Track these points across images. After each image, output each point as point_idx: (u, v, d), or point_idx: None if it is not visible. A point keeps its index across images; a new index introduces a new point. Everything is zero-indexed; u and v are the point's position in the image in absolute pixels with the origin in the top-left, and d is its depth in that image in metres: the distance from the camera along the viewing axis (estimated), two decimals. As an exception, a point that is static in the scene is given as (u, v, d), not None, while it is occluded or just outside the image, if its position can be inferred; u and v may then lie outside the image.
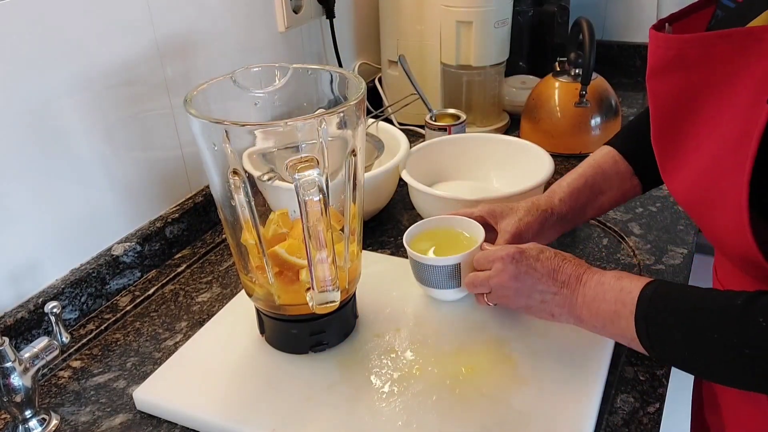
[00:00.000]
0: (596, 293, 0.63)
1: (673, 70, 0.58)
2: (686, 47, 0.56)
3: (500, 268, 0.68)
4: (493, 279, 0.69)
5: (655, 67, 0.61)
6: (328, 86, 0.72)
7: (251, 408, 0.66)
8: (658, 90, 0.61)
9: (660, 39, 0.59)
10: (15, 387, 0.64)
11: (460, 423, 0.63)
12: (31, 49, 0.74)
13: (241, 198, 0.65)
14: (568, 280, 0.65)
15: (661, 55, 0.59)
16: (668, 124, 0.62)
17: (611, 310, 0.61)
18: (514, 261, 0.68)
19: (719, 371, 0.56)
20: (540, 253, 0.68)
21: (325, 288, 0.61)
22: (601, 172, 0.80)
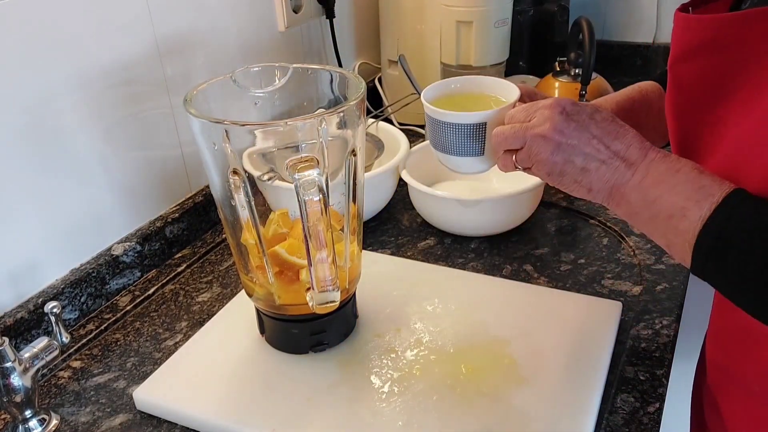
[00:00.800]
0: (664, 178, 0.53)
1: (705, 52, 0.54)
2: (722, 27, 0.52)
3: (545, 117, 0.57)
4: (533, 130, 0.57)
5: (684, 51, 0.57)
6: (328, 86, 0.72)
7: (251, 408, 0.66)
8: (685, 75, 0.58)
9: (692, 20, 0.55)
10: (15, 387, 0.64)
11: (460, 423, 0.63)
12: (30, 49, 0.74)
13: (241, 198, 0.65)
14: (626, 151, 0.55)
15: (692, 38, 0.55)
16: (694, 111, 0.58)
17: (678, 205, 0.52)
18: (564, 112, 0.56)
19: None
20: (595, 111, 0.57)
21: (325, 288, 0.61)
22: (647, 103, 0.72)
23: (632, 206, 0.56)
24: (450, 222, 0.95)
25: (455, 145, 0.64)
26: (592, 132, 0.56)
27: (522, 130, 0.58)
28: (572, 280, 0.85)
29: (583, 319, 0.75)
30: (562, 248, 0.92)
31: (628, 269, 0.86)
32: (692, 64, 0.56)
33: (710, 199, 0.51)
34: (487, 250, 0.92)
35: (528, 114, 0.59)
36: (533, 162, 0.59)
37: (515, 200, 0.91)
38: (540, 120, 0.57)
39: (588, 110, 0.57)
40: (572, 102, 0.57)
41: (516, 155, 0.60)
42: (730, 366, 0.70)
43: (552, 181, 0.59)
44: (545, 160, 0.57)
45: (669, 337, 0.74)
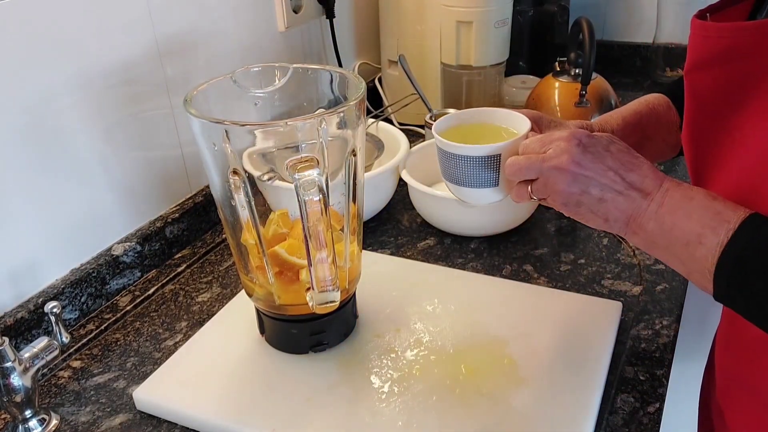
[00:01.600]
0: (680, 206, 0.54)
1: (722, 61, 0.54)
2: (740, 35, 0.52)
3: (562, 148, 0.57)
4: (550, 161, 0.57)
5: (701, 59, 0.56)
6: (328, 86, 0.72)
7: (251, 408, 0.66)
8: (702, 83, 0.57)
9: (710, 28, 0.54)
10: (15, 387, 0.64)
11: (460, 423, 0.63)
12: (30, 49, 0.74)
13: (241, 198, 0.65)
14: (642, 182, 0.56)
15: (710, 46, 0.55)
16: (709, 121, 0.58)
17: (694, 232, 0.52)
18: (581, 144, 0.57)
19: None
20: (611, 143, 0.58)
21: (325, 288, 0.61)
22: (655, 116, 0.72)
23: (649, 235, 0.56)
24: (450, 222, 0.95)
25: (469, 178, 0.64)
26: (608, 164, 0.56)
27: (538, 162, 0.58)
28: (572, 281, 0.85)
29: (583, 319, 0.75)
30: (562, 248, 0.92)
31: (628, 269, 0.86)
32: (709, 72, 0.56)
33: (726, 225, 0.51)
34: (487, 251, 0.92)
35: (543, 145, 0.59)
36: (549, 193, 0.59)
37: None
38: (556, 152, 0.58)
39: (604, 142, 0.58)
40: (587, 134, 0.58)
41: (532, 186, 0.60)
42: (741, 374, 0.69)
43: (568, 211, 0.59)
44: (562, 191, 0.58)
45: (669, 337, 0.74)
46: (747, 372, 0.67)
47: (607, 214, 0.57)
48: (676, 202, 0.54)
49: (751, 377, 0.67)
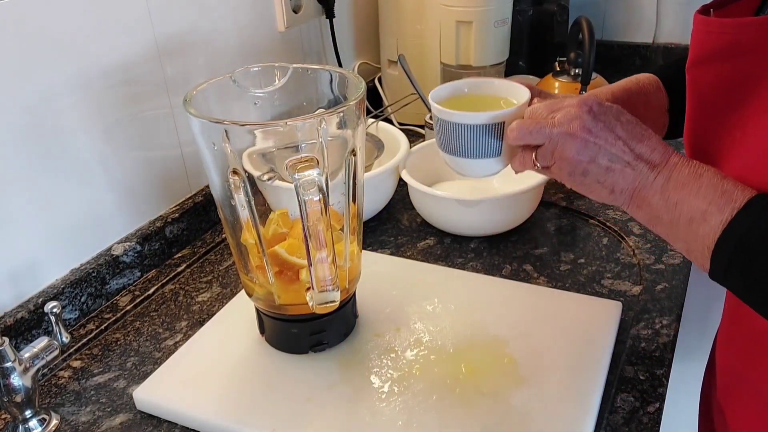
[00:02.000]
0: (688, 182, 0.53)
1: (724, 57, 0.54)
2: (743, 31, 0.52)
3: (573, 114, 0.56)
4: (560, 126, 0.56)
5: (702, 54, 0.56)
6: (327, 86, 0.72)
7: (251, 408, 0.66)
8: (703, 79, 0.57)
9: (712, 24, 0.54)
10: (15, 387, 0.64)
11: (460, 423, 0.63)
12: (30, 49, 0.74)
13: (241, 198, 0.65)
14: (650, 154, 0.55)
15: (712, 41, 0.55)
16: (710, 119, 0.57)
17: (700, 209, 0.52)
18: (592, 112, 0.55)
19: None
20: (621, 113, 0.56)
21: (325, 288, 0.61)
22: (644, 95, 0.71)
23: (653, 209, 0.55)
24: (450, 222, 0.95)
25: (470, 148, 0.62)
26: (618, 133, 0.55)
27: (548, 126, 0.57)
28: (572, 280, 0.85)
29: (583, 319, 0.75)
30: (562, 248, 0.92)
31: (628, 269, 0.86)
32: (711, 67, 0.56)
33: (732, 204, 0.51)
34: (487, 250, 0.92)
35: (551, 111, 0.58)
36: (556, 159, 0.57)
37: (515, 200, 0.91)
38: (567, 117, 0.56)
39: (614, 111, 0.57)
40: (598, 102, 0.56)
41: (536, 152, 0.58)
42: (743, 373, 0.69)
43: (573, 181, 0.58)
44: (570, 159, 0.56)
45: (669, 336, 0.74)
46: (748, 371, 0.67)
47: (614, 185, 0.56)
48: (684, 178, 0.53)
49: (753, 376, 0.67)
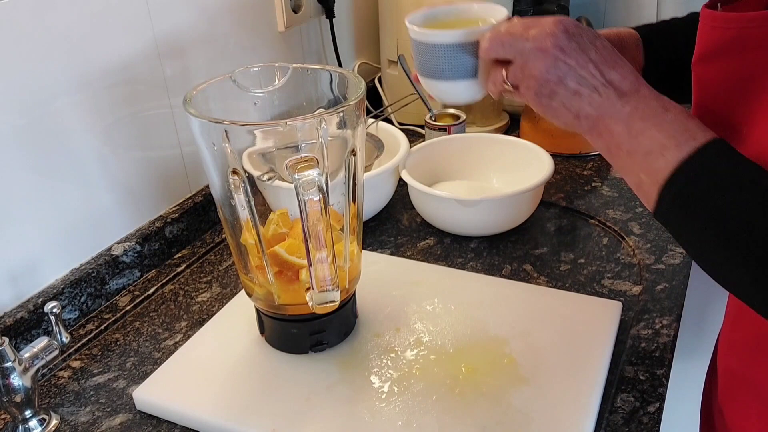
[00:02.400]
0: (653, 114, 0.52)
1: (731, 52, 0.53)
2: (748, 26, 0.51)
3: (547, 32, 0.54)
4: (532, 42, 0.54)
5: (709, 50, 0.55)
6: (327, 86, 0.72)
7: (251, 408, 0.66)
8: (709, 74, 0.56)
9: (718, 18, 0.53)
10: (15, 387, 0.64)
11: (460, 423, 0.63)
12: (29, 49, 0.74)
13: (240, 198, 0.65)
14: (620, 82, 0.54)
15: (717, 37, 0.54)
16: (716, 115, 0.57)
17: (659, 142, 0.51)
18: (567, 32, 0.54)
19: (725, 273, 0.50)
20: (597, 37, 0.55)
21: (325, 288, 0.61)
22: (621, 46, 0.68)
23: (614, 138, 0.54)
24: (449, 222, 0.95)
25: (446, 68, 0.61)
26: (590, 56, 0.54)
27: (521, 39, 0.55)
28: (572, 280, 0.85)
29: (583, 319, 0.75)
30: (562, 248, 0.92)
31: (628, 269, 0.86)
32: (716, 63, 0.55)
33: (692, 143, 0.50)
34: (487, 250, 0.92)
35: (527, 27, 0.56)
36: (525, 77, 0.56)
37: (515, 200, 0.91)
38: (540, 33, 0.55)
39: (590, 34, 0.55)
40: (575, 23, 0.55)
41: (507, 70, 0.57)
42: (744, 374, 0.69)
43: (540, 103, 0.57)
44: (538, 77, 0.55)
45: (669, 336, 0.74)
46: (750, 373, 0.67)
47: (579, 110, 0.55)
48: (651, 110, 0.53)
49: (755, 379, 0.67)
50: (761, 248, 0.47)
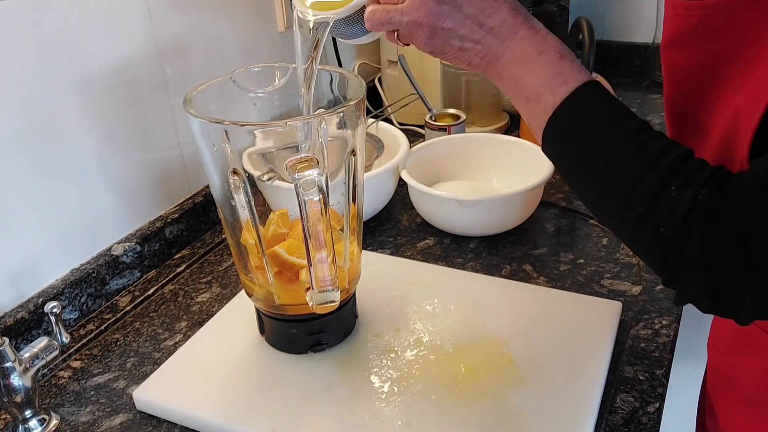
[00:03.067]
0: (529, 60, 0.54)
1: (693, 39, 0.54)
2: (709, 14, 0.52)
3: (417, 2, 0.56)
4: (407, 15, 0.57)
5: (673, 37, 0.57)
6: (327, 86, 0.72)
7: (251, 408, 0.66)
8: (675, 62, 0.58)
9: (679, 6, 0.55)
10: (15, 387, 0.64)
11: (459, 423, 0.63)
12: (29, 50, 0.74)
13: (240, 198, 0.65)
14: (499, 27, 0.55)
15: (680, 24, 0.55)
16: (686, 98, 0.58)
17: (535, 90, 0.54)
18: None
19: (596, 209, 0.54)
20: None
21: (325, 288, 0.61)
22: None
23: (504, 83, 0.57)
24: (449, 222, 0.95)
25: (341, 35, 0.64)
26: (465, 12, 0.55)
27: (397, 14, 0.58)
28: (571, 280, 0.85)
29: (583, 319, 0.75)
30: (561, 248, 0.92)
31: (627, 269, 0.86)
32: (682, 49, 0.56)
33: (564, 87, 0.53)
34: (486, 250, 0.92)
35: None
36: (413, 41, 0.59)
37: (514, 200, 0.91)
38: (413, 5, 0.56)
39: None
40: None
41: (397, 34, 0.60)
42: (729, 371, 0.70)
43: (437, 55, 0.59)
44: (424, 44, 0.58)
45: (668, 336, 0.74)
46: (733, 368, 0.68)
47: (470, 60, 0.57)
48: (527, 55, 0.54)
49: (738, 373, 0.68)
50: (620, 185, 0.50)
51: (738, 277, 0.45)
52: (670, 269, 0.49)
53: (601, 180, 0.52)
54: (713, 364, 0.74)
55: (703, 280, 0.47)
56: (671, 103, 0.61)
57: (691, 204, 0.46)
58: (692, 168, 0.48)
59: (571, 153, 0.54)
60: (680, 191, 0.47)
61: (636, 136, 0.51)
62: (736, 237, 0.45)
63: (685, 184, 0.47)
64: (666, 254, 0.49)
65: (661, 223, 0.48)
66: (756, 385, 0.65)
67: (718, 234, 0.45)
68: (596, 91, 0.53)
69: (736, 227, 0.45)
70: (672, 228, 0.47)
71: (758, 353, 0.65)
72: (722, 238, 0.45)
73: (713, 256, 0.46)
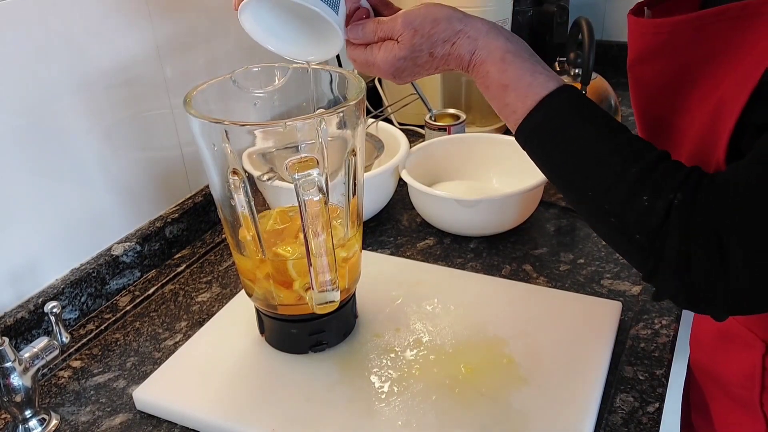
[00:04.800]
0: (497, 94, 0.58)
1: (663, 54, 0.56)
2: (678, 29, 0.53)
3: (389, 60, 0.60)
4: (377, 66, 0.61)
5: (641, 54, 0.58)
6: (327, 86, 0.72)
7: (251, 408, 0.66)
8: (645, 76, 0.59)
9: (646, 25, 0.56)
10: (15, 387, 0.64)
11: (459, 423, 0.63)
12: (30, 50, 0.74)
13: (240, 198, 0.65)
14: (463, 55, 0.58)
15: (648, 42, 0.57)
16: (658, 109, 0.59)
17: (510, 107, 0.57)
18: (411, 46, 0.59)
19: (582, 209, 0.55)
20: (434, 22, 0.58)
21: (325, 288, 0.61)
22: None
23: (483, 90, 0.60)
24: (449, 222, 0.95)
25: None
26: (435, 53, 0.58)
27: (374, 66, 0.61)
28: (571, 280, 0.85)
29: (583, 319, 0.75)
30: (561, 248, 0.92)
31: (627, 269, 0.86)
32: (650, 65, 0.58)
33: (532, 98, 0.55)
34: (486, 250, 0.92)
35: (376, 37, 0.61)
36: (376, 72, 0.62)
37: (514, 200, 0.91)
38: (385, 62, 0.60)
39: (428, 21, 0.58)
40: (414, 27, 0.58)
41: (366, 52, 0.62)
42: (712, 368, 0.71)
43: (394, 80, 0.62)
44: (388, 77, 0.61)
45: (668, 337, 0.74)
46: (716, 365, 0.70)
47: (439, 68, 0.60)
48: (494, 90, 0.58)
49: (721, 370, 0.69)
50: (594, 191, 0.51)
51: (713, 275, 0.46)
52: (647, 270, 0.50)
53: (577, 184, 0.53)
54: (697, 362, 0.74)
55: (680, 280, 0.48)
56: (644, 117, 0.62)
57: (665, 213, 0.47)
58: (665, 174, 0.49)
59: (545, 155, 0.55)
60: (652, 201, 0.48)
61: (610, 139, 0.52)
62: (712, 236, 0.46)
63: (656, 194, 0.48)
64: (643, 257, 0.50)
65: (636, 231, 0.49)
66: (741, 382, 0.66)
67: (693, 235, 0.46)
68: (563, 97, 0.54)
69: (711, 226, 0.46)
70: (646, 236, 0.49)
71: (741, 350, 0.65)
72: (698, 238, 0.46)
73: (689, 257, 0.47)
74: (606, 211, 0.51)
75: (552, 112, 0.54)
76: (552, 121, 0.54)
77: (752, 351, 0.64)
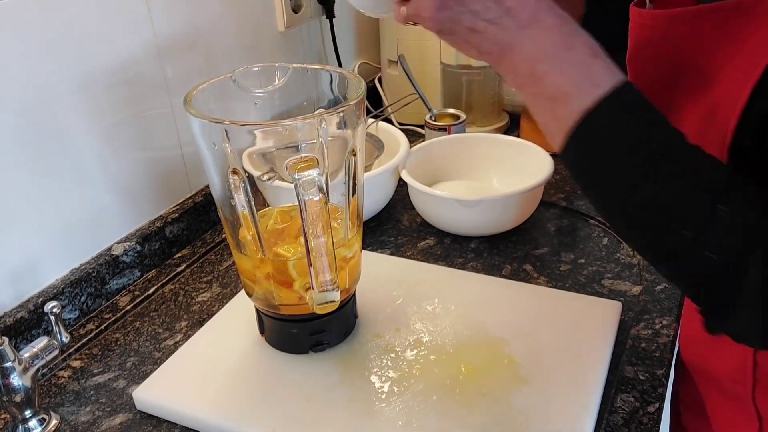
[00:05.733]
0: (556, 54, 0.49)
1: (661, 48, 0.55)
2: (674, 23, 0.53)
3: None
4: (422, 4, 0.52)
5: (640, 46, 0.57)
6: (328, 86, 0.72)
7: (251, 408, 0.66)
8: (643, 69, 0.57)
9: (645, 16, 0.55)
10: (15, 387, 0.64)
11: (459, 423, 0.63)
12: (30, 49, 0.74)
13: (240, 198, 0.65)
14: (518, 8, 0.49)
15: (647, 34, 0.56)
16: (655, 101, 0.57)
17: (562, 90, 0.49)
18: None
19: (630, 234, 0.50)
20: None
21: (325, 288, 0.61)
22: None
23: (519, 78, 0.51)
24: (449, 222, 0.95)
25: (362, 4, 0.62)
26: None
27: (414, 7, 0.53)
28: (572, 280, 0.85)
29: (583, 319, 0.75)
30: (562, 248, 0.92)
31: (628, 269, 0.86)
32: (648, 58, 0.57)
33: (596, 91, 0.48)
34: (487, 250, 0.92)
35: None
36: (421, 19, 0.53)
37: (515, 200, 0.91)
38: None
39: None
40: None
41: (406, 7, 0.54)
42: (703, 366, 0.71)
43: (445, 39, 0.54)
44: (431, 18, 0.52)
45: (669, 337, 0.74)
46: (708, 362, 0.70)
47: (480, 45, 0.51)
48: (553, 49, 0.49)
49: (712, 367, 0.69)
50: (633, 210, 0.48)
51: None
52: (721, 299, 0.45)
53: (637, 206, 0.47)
54: (688, 360, 0.74)
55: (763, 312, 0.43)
56: None
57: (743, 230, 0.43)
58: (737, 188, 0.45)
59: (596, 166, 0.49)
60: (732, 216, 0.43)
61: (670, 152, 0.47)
62: None
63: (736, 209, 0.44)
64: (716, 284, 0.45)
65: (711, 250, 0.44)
66: (732, 376, 0.66)
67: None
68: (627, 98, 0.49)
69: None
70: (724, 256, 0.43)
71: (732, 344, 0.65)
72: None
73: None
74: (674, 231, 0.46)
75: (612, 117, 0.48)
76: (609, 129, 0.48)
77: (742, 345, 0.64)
